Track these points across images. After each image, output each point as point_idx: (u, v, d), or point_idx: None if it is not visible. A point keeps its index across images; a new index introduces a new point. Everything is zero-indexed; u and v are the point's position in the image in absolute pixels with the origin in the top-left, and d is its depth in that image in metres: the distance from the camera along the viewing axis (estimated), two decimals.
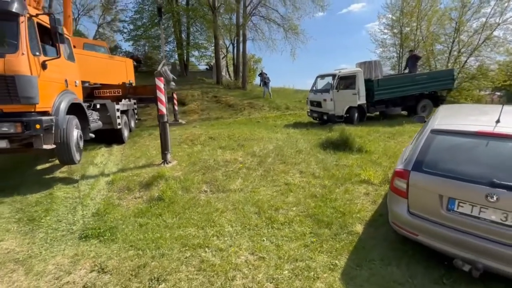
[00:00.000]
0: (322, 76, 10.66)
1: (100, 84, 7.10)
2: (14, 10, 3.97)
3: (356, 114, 9.74)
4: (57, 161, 6.05)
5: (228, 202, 4.12)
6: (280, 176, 5.00)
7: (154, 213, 3.87)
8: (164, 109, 6.13)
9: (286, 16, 17.39)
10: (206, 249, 2.95)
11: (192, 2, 18.51)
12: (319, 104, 10.00)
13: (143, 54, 21.76)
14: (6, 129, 3.95)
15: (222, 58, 28.22)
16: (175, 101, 11.85)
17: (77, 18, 24.13)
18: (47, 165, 6.48)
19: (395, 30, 20.49)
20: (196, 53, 20.01)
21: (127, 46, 22.60)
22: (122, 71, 8.48)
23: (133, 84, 8.83)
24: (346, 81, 9.69)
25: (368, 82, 9.84)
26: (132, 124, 10.21)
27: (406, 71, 11.96)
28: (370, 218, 3.44)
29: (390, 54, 21.65)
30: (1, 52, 3.83)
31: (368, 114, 10.39)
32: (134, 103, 10.32)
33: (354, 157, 5.74)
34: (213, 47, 18.71)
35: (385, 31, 21.22)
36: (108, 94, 6.63)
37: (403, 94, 10.17)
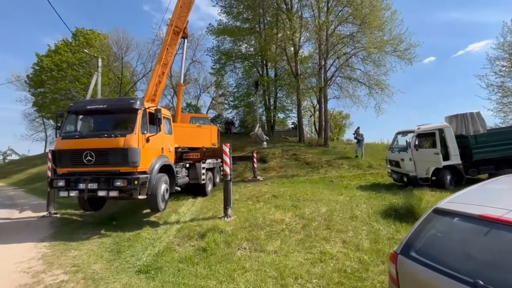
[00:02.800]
0: (403, 133, 9.71)
1: (188, 148, 9.22)
2: (136, 107, 6.25)
3: (449, 177, 8.04)
4: None
5: (256, 263, 4.32)
6: (319, 243, 4.80)
7: (194, 261, 4.52)
8: (228, 170, 7.25)
9: (368, 73, 17.37)
10: None
11: (280, 73, 21.53)
12: (397, 164, 8.96)
13: (239, 119, 26.06)
14: (119, 183, 5.84)
15: (310, 116, 29.75)
16: (255, 160, 13.28)
17: (199, 95, 31.95)
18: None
19: None
20: (281, 115, 22.19)
21: (228, 113, 27.79)
22: (207, 136, 10.68)
23: (217, 146, 10.79)
24: (428, 139, 8.46)
25: (462, 138, 8.23)
26: (217, 179, 11.96)
27: None
28: None
29: None
30: (124, 133, 5.99)
31: (470, 177, 8.36)
32: (221, 161, 12.29)
33: None
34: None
35: (500, 73, 17.30)
36: (191, 157, 8.51)
37: None
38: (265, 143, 16.27)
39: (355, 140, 16.21)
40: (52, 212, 8.37)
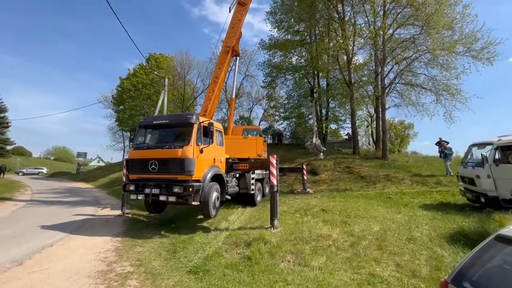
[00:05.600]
0: (479, 145, 8.35)
1: (237, 159, 9.66)
2: (192, 122, 6.96)
3: None
4: None
5: (298, 277, 4.27)
6: (369, 264, 4.48)
7: (238, 268, 4.71)
8: (274, 181, 7.36)
9: (435, 77, 15.50)
10: None
11: (332, 82, 20.94)
12: (472, 182, 7.70)
13: (290, 130, 26.11)
14: (177, 190, 6.52)
15: (367, 127, 27.81)
16: (305, 172, 13.06)
17: (252, 108, 33.23)
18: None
19: None
20: (334, 126, 21.39)
21: (279, 124, 28.19)
22: (253, 147, 10.98)
23: (262, 157, 11.01)
24: None
25: None
26: (267, 190, 12.12)
27: None
28: None
29: None
30: (181, 144, 6.70)
31: None
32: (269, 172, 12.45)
33: None
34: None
35: None
36: (240, 167, 8.90)
37: None
38: (321, 154, 15.85)
39: (440, 155, 13.75)
40: (125, 212, 9.75)
